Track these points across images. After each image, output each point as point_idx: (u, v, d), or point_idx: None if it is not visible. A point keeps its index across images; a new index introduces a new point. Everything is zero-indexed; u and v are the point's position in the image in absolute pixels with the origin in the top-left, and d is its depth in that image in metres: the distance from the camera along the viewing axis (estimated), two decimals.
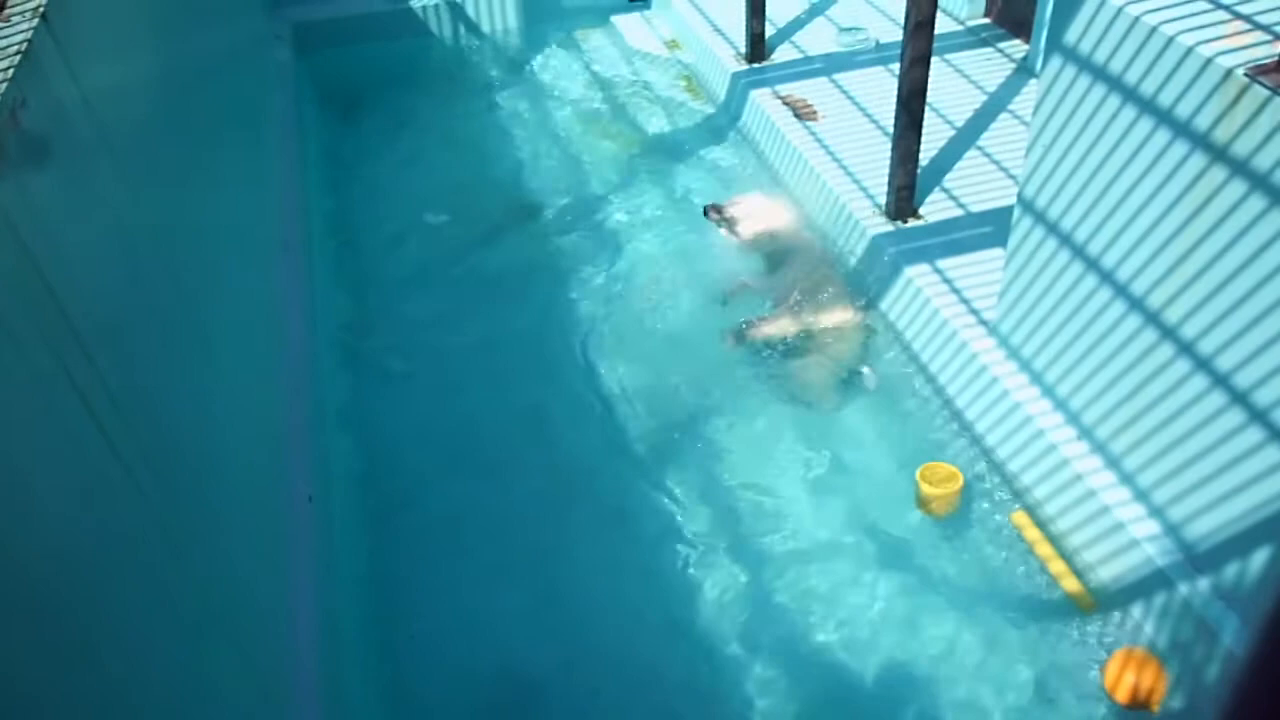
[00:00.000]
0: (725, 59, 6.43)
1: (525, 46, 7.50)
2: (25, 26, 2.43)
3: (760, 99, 5.95)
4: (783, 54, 6.38)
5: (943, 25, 4.82)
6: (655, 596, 3.73)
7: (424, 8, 7.38)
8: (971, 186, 4.97)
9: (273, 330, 4.27)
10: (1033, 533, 3.71)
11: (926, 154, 4.95)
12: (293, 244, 4.95)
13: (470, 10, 7.47)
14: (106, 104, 2.86)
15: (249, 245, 4.40)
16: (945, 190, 4.96)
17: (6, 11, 2.52)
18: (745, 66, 6.32)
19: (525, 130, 6.56)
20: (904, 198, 4.76)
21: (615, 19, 7.64)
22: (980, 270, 4.42)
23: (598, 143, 6.37)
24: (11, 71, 2.22)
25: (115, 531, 2.22)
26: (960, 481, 3.82)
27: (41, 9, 2.52)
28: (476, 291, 5.20)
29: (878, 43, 6.30)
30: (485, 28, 7.56)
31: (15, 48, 2.33)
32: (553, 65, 7.27)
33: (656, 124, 6.52)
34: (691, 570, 3.78)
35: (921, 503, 3.85)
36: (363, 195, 5.97)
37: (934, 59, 4.51)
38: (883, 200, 4.89)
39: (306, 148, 6.02)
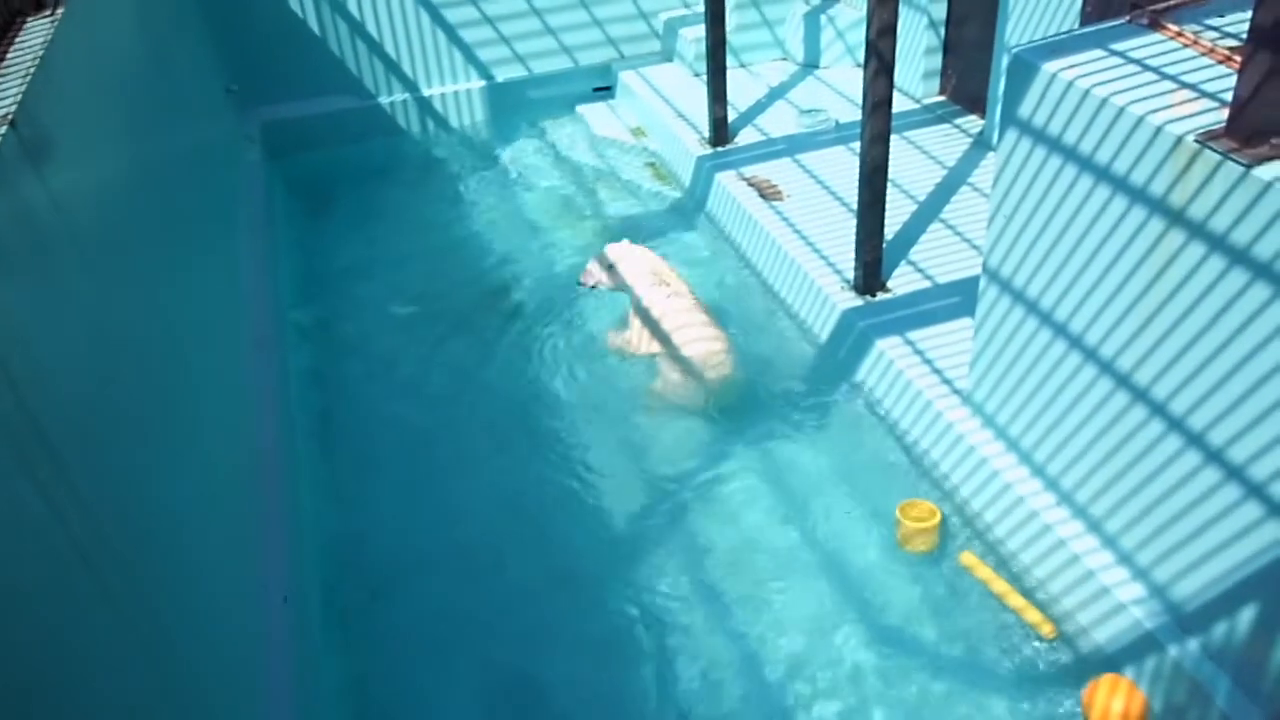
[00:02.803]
0: (689, 144, 6.55)
1: (493, 138, 7.61)
2: None
3: (725, 181, 6.05)
4: (746, 137, 6.51)
5: (900, 104, 4.96)
6: (635, 677, 3.66)
7: (392, 103, 7.50)
8: (937, 259, 5.04)
9: (245, 426, 4.22)
10: (983, 571, 3.79)
11: (891, 229, 5.03)
12: (265, 339, 4.93)
13: (438, 104, 7.59)
14: (76, 207, 2.87)
15: (221, 341, 4.38)
16: (912, 263, 5.03)
17: None
18: (709, 150, 6.44)
19: (494, 220, 6.62)
20: (871, 272, 4.82)
21: (581, 109, 7.79)
22: (951, 340, 4.46)
23: (566, 229, 6.44)
24: None
25: (84, 639, 2.16)
26: (939, 517, 3.91)
27: (10, 116, 2.54)
28: (448, 381, 5.19)
29: (837, 123, 6.45)
30: (454, 122, 7.68)
31: None
32: (520, 155, 7.37)
33: (624, 209, 6.60)
34: (673, 646, 3.72)
35: (902, 538, 3.94)
36: (334, 289, 5.98)
37: (893, 136, 4.62)
38: (851, 275, 4.95)
39: (277, 244, 6.04)
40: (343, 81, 7.35)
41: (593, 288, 5.41)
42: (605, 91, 7.92)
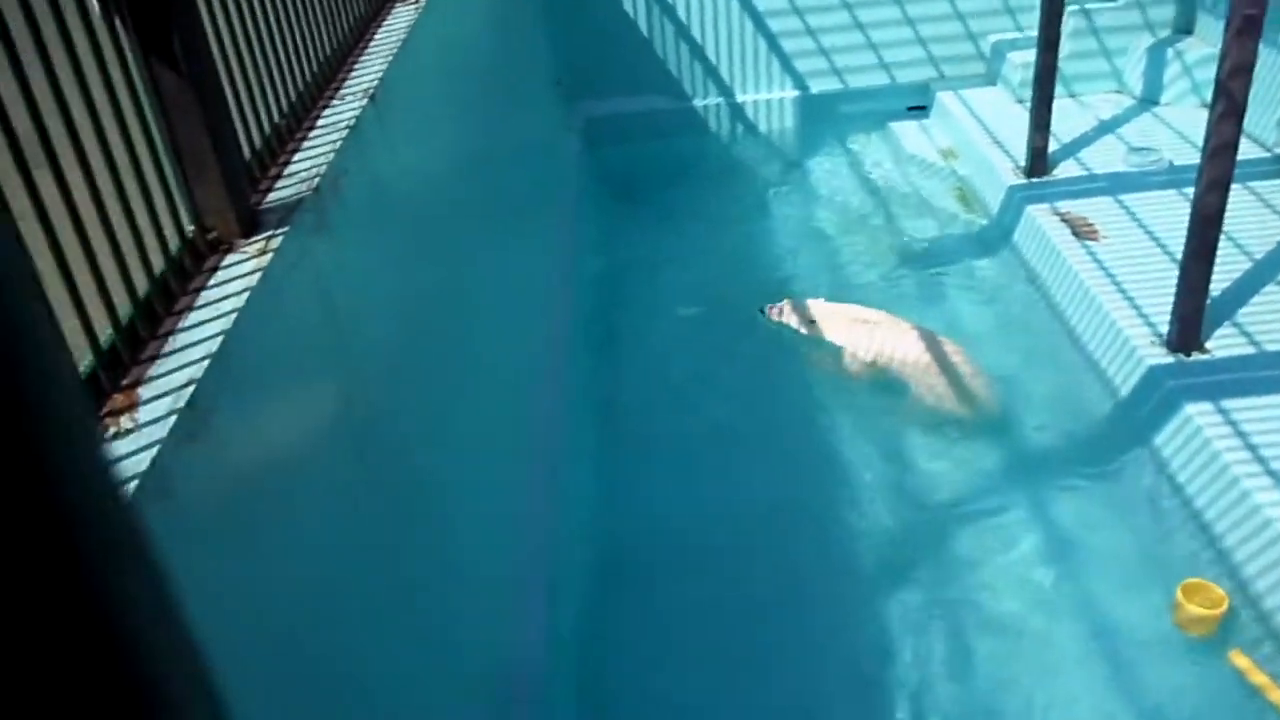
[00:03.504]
0: (1003, 171, 6.28)
1: (800, 148, 7.63)
2: (355, 105, 2.74)
3: (1037, 214, 5.75)
4: (1065, 170, 6.16)
5: (1246, 150, 4.50)
6: (870, 709, 3.57)
7: (705, 107, 7.69)
8: (1268, 324, 4.56)
9: (527, 407, 4.40)
10: (1259, 676, 3.41)
11: (1218, 285, 4.60)
12: (558, 324, 5.17)
13: (749, 111, 7.71)
14: (415, 178, 3.16)
15: (518, 321, 4.64)
16: (1237, 325, 4.58)
17: (342, 91, 2.86)
18: (1023, 180, 6.14)
19: (790, 229, 6.64)
20: (1189, 329, 4.43)
21: (893, 125, 7.64)
22: (1274, 415, 4.03)
23: (862, 246, 6.36)
24: (340, 144, 2.50)
25: (365, 580, 2.31)
26: (1225, 605, 3.58)
27: (371, 91, 2.84)
28: (719, 384, 5.24)
29: (1170, 164, 5.97)
30: (762, 128, 7.77)
31: (345, 123, 2.63)
32: (825, 167, 7.35)
33: (924, 232, 6.43)
34: (914, 683, 3.60)
35: (1180, 621, 3.67)
36: (626, 279, 6.21)
37: (1233, 185, 4.22)
38: (1164, 330, 4.57)
39: (582, 234, 6.34)
40: (662, 82, 7.61)
41: (777, 322, 5.43)
42: (919, 111, 7.73)
